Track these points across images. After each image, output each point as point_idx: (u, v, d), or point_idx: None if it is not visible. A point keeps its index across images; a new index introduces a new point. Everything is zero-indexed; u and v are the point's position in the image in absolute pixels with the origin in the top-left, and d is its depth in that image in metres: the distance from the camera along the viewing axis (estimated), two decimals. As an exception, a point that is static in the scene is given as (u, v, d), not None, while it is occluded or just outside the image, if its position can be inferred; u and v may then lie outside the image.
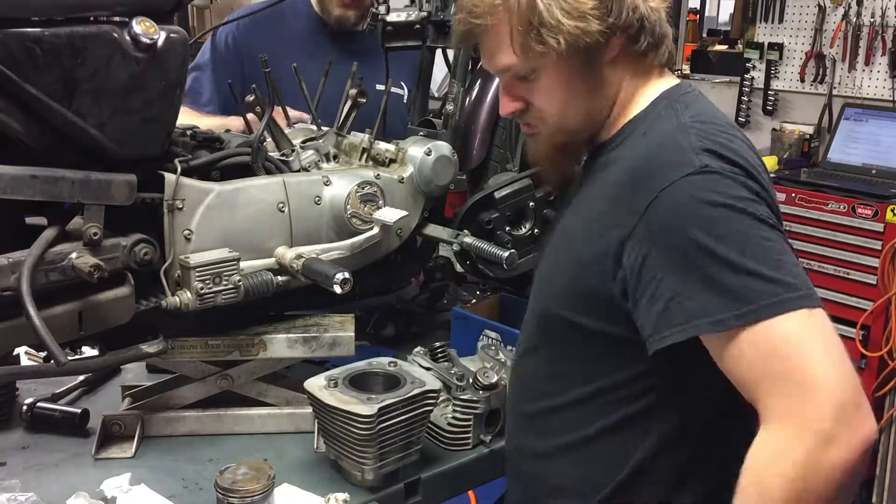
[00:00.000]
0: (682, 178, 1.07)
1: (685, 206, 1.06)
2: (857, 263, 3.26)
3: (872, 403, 3.24)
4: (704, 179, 1.07)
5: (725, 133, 1.15)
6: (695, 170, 1.07)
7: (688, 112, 1.18)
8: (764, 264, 1.03)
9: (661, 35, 1.22)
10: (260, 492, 1.32)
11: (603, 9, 1.15)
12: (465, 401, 1.58)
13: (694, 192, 1.06)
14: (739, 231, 1.04)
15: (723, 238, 1.04)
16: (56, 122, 1.33)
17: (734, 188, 1.07)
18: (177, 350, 1.55)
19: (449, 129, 1.92)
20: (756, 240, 1.04)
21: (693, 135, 1.12)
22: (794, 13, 4.04)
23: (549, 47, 1.15)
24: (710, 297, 1.04)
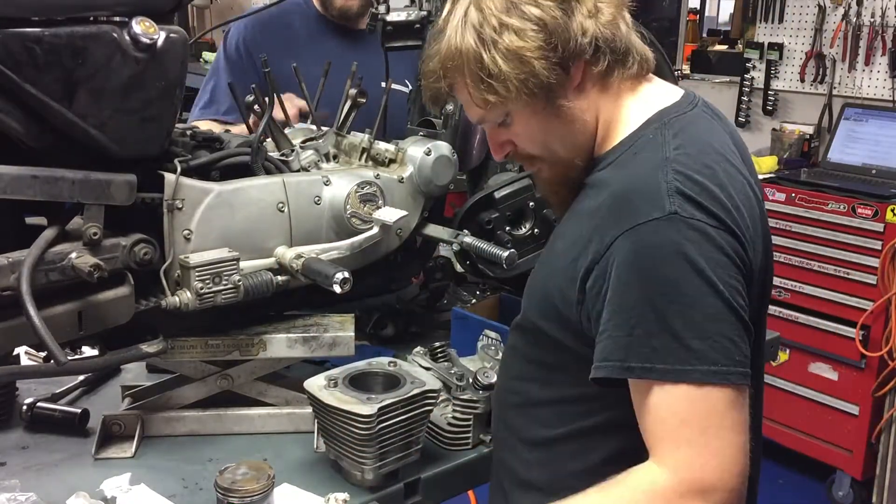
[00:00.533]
0: (648, 223, 1.06)
1: (640, 251, 1.06)
2: (857, 263, 3.26)
3: (872, 404, 3.27)
4: (668, 227, 1.05)
5: (710, 168, 1.11)
6: (663, 215, 1.05)
7: (676, 141, 1.14)
8: (690, 331, 1.03)
9: (625, 48, 1.18)
10: (260, 492, 1.32)
11: (546, 47, 1.13)
12: (465, 401, 1.58)
13: (653, 239, 1.06)
14: (682, 290, 1.04)
15: (663, 294, 1.04)
16: (56, 122, 1.33)
17: (696, 241, 1.05)
18: (177, 350, 1.55)
19: (449, 129, 1.92)
20: (695, 305, 1.04)
21: (672, 172, 1.09)
22: (794, 13, 4.04)
23: (502, 96, 1.15)
24: (629, 344, 1.06)
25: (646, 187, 1.09)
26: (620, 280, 1.07)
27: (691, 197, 1.07)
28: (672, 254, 1.04)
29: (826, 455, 3.47)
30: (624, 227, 1.07)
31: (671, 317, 1.04)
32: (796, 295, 3.42)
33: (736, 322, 1.05)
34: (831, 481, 3.48)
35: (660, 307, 1.04)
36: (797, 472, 3.61)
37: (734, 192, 1.11)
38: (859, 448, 3.36)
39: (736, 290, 1.06)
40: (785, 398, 3.51)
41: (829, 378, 3.43)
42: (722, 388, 1.04)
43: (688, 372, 1.03)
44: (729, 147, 1.20)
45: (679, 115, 1.20)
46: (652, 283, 1.05)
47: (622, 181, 1.14)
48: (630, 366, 1.06)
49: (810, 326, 3.41)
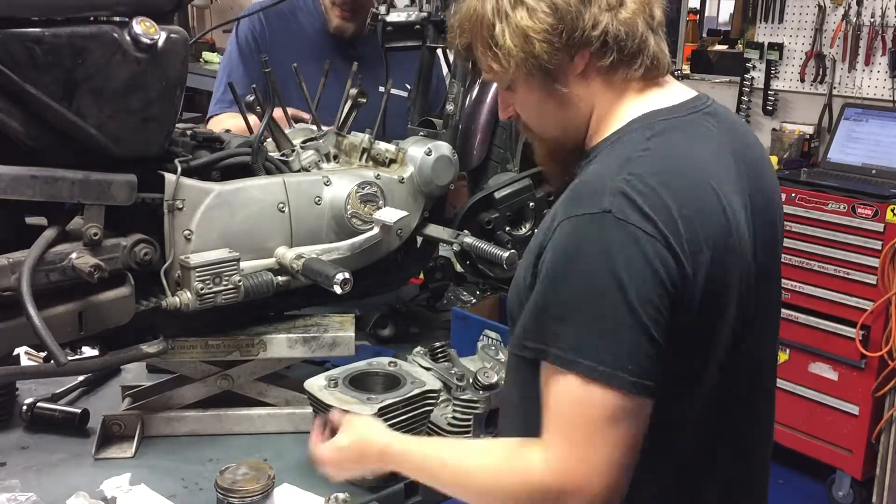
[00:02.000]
0: (583, 215, 1.06)
1: (567, 241, 1.07)
2: (857, 263, 3.26)
3: (872, 404, 3.26)
4: (597, 222, 1.05)
5: (667, 176, 1.08)
6: (598, 211, 1.05)
7: (648, 143, 1.13)
8: (589, 326, 1.04)
9: (636, 49, 1.17)
10: (260, 492, 1.32)
11: (553, 31, 1.13)
12: (465, 401, 1.58)
13: (581, 231, 1.06)
14: (593, 287, 1.04)
15: (575, 286, 1.05)
16: (56, 122, 1.33)
17: (621, 243, 1.03)
18: (177, 350, 1.55)
19: (449, 129, 1.92)
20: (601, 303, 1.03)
21: (627, 171, 1.08)
22: (794, 13, 4.04)
23: (503, 67, 1.18)
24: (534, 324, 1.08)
25: (595, 182, 1.10)
26: (547, 263, 1.09)
27: (632, 199, 1.05)
28: (594, 250, 1.04)
29: (826, 455, 3.47)
30: (565, 216, 1.08)
31: (577, 308, 1.04)
32: (796, 295, 3.42)
33: (639, 333, 1.03)
34: (831, 481, 3.48)
35: (568, 297, 1.05)
36: (797, 472, 3.60)
37: (688, 203, 1.08)
38: (859, 448, 3.35)
39: (649, 302, 1.03)
40: (785, 398, 3.51)
41: (829, 378, 3.42)
42: (608, 391, 1.02)
43: (575, 363, 1.03)
44: (718, 158, 1.17)
45: (669, 118, 1.17)
46: (570, 272, 1.06)
47: (584, 176, 1.15)
48: (528, 345, 1.08)
49: (810, 326, 3.40)
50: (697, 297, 1.08)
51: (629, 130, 1.17)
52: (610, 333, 1.03)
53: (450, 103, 1.93)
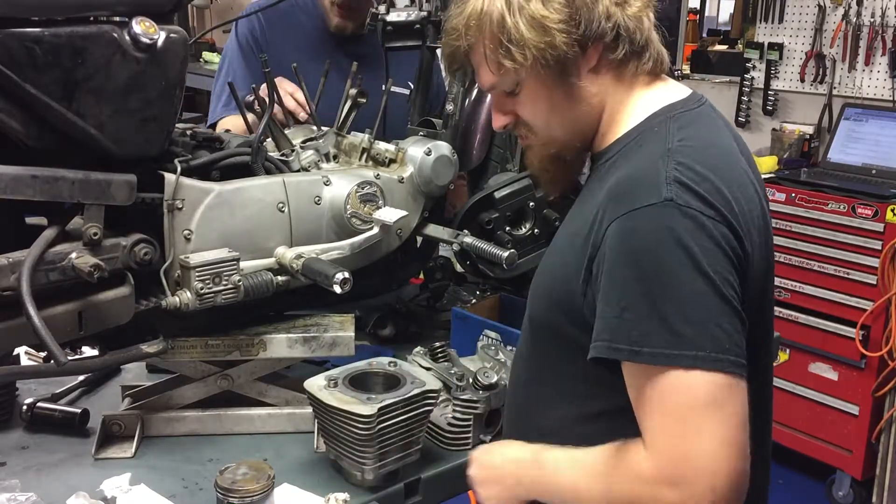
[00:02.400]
0: (643, 208, 1.06)
1: (633, 235, 1.07)
2: (857, 263, 3.26)
3: (872, 404, 3.27)
4: (662, 212, 1.05)
5: (713, 160, 1.12)
6: (658, 201, 1.06)
7: (680, 134, 1.15)
8: (679, 316, 1.03)
9: (644, 42, 1.19)
10: (260, 492, 1.32)
11: (570, 21, 1.14)
12: (465, 401, 1.58)
13: (646, 224, 1.06)
14: (673, 275, 1.04)
15: (654, 278, 1.04)
16: (56, 122, 1.33)
17: (689, 229, 1.05)
18: (177, 350, 1.55)
19: (449, 129, 1.92)
20: (685, 290, 1.03)
21: (673, 162, 1.10)
22: (794, 13, 4.04)
23: (518, 63, 1.17)
24: (619, 326, 1.07)
25: (645, 176, 1.10)
26: (612, 263, 1.08)
27: (689, 186, 1.07)
28: (665, 239, 1.04)
29: (826, 455, 3.47)
30: (620, 213, 1.08)
31: (661, 301, 1.04)
32: (796, 295, 3.42)
33: (728, 310, 1.04)
34: (831, 481, 3.48)
35: (650, 290, 1.04)
36: (797, 472, 3.61)
37: (735, 186, 1.11)
38: (859, 448, 3.36)
39: (727, 281, 1.05)
40: (785, 398, 3.51)
41: (829, 378, 3.43)
42: (710, 375, 1.02)
43: (675, 357, 1.02)
44: (733, 145, 1.21)
45: (686, 111, 1.21)
46: (643, 266, 1.05)
47: (625, 171, 1.14)
48: (618, 347, 1.06)
49: (810, 326, 3.41)
50: (753, 276, 1.11)
51: (653, 125, 1.18)
52: (701, 318, 1.03)
53: (450, 103, 1.93)
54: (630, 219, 1.07)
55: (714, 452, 1.02)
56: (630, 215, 1.07)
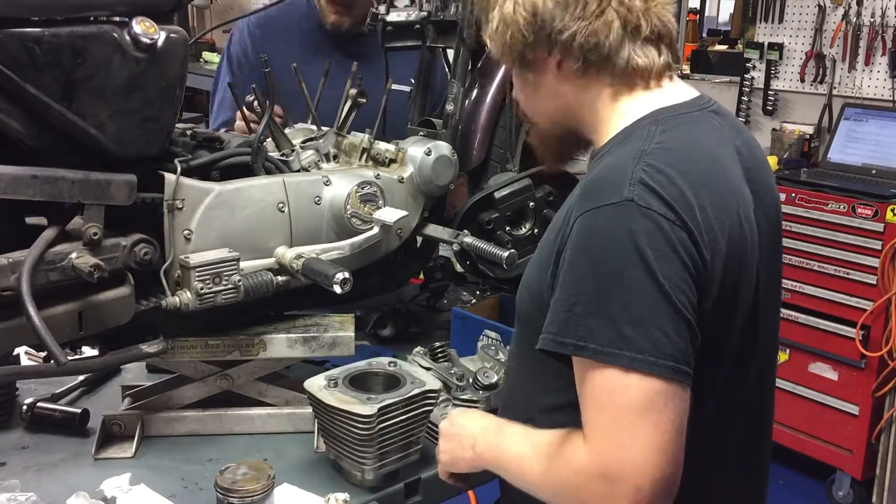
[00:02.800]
0: (604, 206, 1.08)
1: (591, 232, 1.08)
2: (857, 263, 3.26)
3: (872, 404, 3.26)
4: (620, 211, 1.06)
5: (684, 166, 1.11)
6: (619, 200, 1.07)
7: (661, 137, 1.15)
8: (625, 316, 1.04)
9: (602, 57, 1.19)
10: (260, 492, 1.32)
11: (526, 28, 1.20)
12: (465, 401, 1.58)
13: (605, 222, 1.07)
14: (624, 276, 1.05)
15: (606, 276, 1.06)
16: (56, 122, 1.33)
17: (647, 231, 1.05)
18: (177, 350, 1.55)
19: (449, 129, 1.92)
20: (634, 292, 1.04)
21: (643, 163, 1.10)
22: (794, 13, 4.04)
23: (496, 53, 1.27)
24: (567, 320, 1.08)
25: (612, 175, 1.11)
26: (570, 257, 1.10)
27: (652, 187, 1.07)
28: (621, 239, 1.05)
29: (826, 455, 3.47)
30: (584, 209, 1.10)
31: (609, 299, 1.05)
32: (796, 295, 3.42)
33: (675, 317, 1.04)
34: (831, 481, 3.48)
35: (600, 288, 1.06)
36: (797, 472, 3.61)
37: (706, 193, 1.11)
38: (859, 448, 3.35)
39: (679, 287, 1.05)
40: (785, 398, 3.51)
41: (829, 378, 3.43)
42: (647, 380, 1.03)
43: (615, 356, 1.03)
44: (727, 153, 1.20)
45: (677, 115, 1.20)
46: (596, 264, 1.07)
47: (600, 169, 1.16)
48: (563, 341, 1.08)
49: (810, 326, 3.41)
50: (716, 283, 1.10)
51: (638, 127, 1.19)
52: (647, 322, 1.04)
53: (450, 103, 1.93)
54: (592, 216, 1.09)
55: (644, 458, 1.03)
56: (592, 212, 1.09)
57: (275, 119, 1.74)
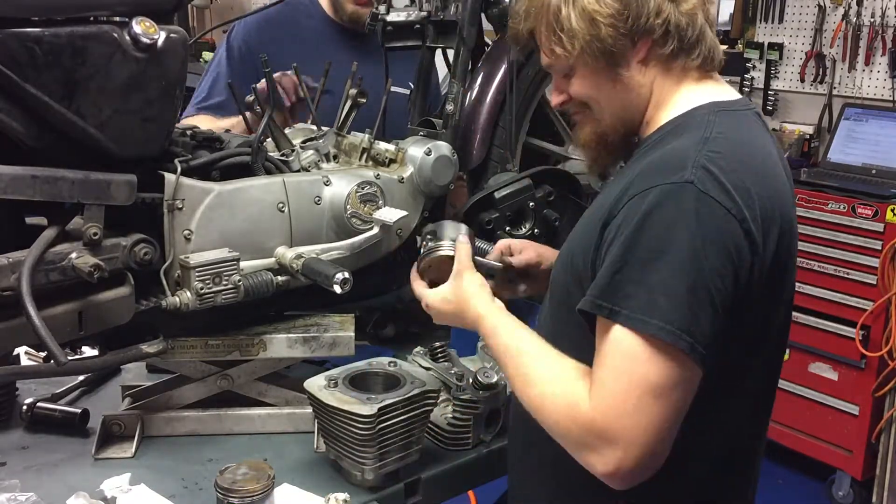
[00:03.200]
0: (664, 185, 1.10)
1: (648, 207, 1.10)
2: (857, 263, 3.26)
3: (872, 404, 3.26)
4: (679, 192, 1.09)
5: (745, 158, 1.15)
6: (680, 181, 1.09)
7: (721, 127, 1.18)
8: (663, 290, 1.07)
9: (695, 39, 1.22)
10: (260, 492, 1.32)
11: (619, 16, 1.19)
12: (465, 401, 1.58)
13: (662, 199, 1.09)
14: (670, 254, 1.07)
15: (653, 250, 1.08)
16: (56, 122, 1.33)
17: (701, 214, 1.07)
18: (177, 350, 1.55)
19: (449, 129, 1.92)
20: (677, 270, 1.06)
21: (707, 149, 1.13)
22: (794, 13, 4.04)
23: (567, 51, 1.22)
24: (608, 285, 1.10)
25: (675, 158, 1.13)
26: (623, 230, 1.11)
27: (713, 173, 1.10)
28: (675, 217, 1.08)
29: (826, 455, 3.47)
30: (643, 187, 1.12)
31: (650, 271, 1.07)
32: (796, 295, 3.40)
33: (707, 302, 1.07)
34: (831, 481, 3.48)
35: (644, 259, 1.08)
36: (797, 472, 3.61)
37: (763, 186, 1.13)
38: (859, 448, 3.36)
39: (719, 275, 1.07)
40: (785, 398, 3.51)
41: (829, 378, 3.43)
42: (666, 353, 1.05)
43: (645, 323, 1.06)
44: (773, 151, 1.23)
45: (733, 110, 1.23)
46: (646, 238, 1.09)
47: (661, 153, 1.18)
48: (601, 304, 1.10)
49: (810, 326, 3.41)
50: (765, 274, 1.13)
51: (696, 115, 1.21)
52: (680, 298, 1.06)
53: (450, 103, 1.92)
54: (650, 192, 1.10)
55: (644, 431, 1.06)
56: (650, 190, 1.10)
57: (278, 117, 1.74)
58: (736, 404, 1.21)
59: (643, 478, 1.09)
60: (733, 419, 1.22)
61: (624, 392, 1.07)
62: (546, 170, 1.99)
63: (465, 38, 1.91)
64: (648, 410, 1.06)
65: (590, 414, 1.08)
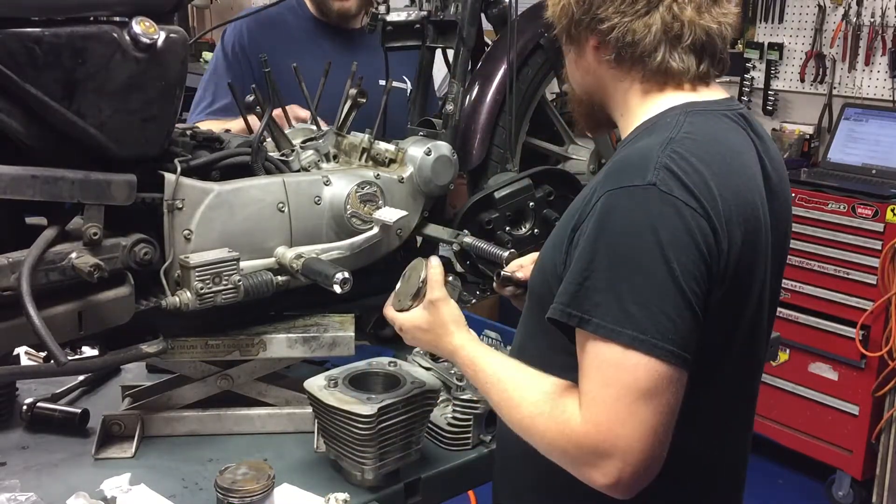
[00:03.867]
0: (627, 187, 1.10)
1: (611, 212, 1.10)
2: (857, 263, 3.26)
3: (872, 404, 3.26)
4: (642, 194, 1.08)
5: (710, 158, 1.13)
6: (642, 183, 1.09)
7: (689, 127, 1.17)
8: (631, 296, 1.06)
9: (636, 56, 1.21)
10: (260, 492, 1.32)
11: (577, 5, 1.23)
12: (465, 401, 1.58)
13: (626, 203, 1.09)
14: (637, 258, 1.07)
15: (619, 255, 1.08)
16: (56, 122, 1.33)
17: (666, 215, 1.07)
18: (177, 350, 1.55)
19: (449, 129, 1.92)
20: (644, 274, 1.06)
21: (669, 149, 1.12)
22: (794, 13, 4.04)
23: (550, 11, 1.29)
24: (577, 293, 1.10)
25: (638, 159, 1.13)
26: (588, 235, 1.11)
27: (676, 174, 1.09)
28: (639, 221, 1.08)
29: (826, 455, 3.47)
30: (606, 189, 1.12)
31: (620, 278, 1.07)
32: (796, 295, 3.42)
33: (681, 303, 1.06)
34: (831, 481, 3.48)
35: (613, 266, 1.08)
36: (797, 472, 3.61)
37: (728, 185, 1.13)
38: (859, 448, 3.36)
39: (691, 275, 1.07)
40: (785, 398, 3.51)
41: (829, 378, 3.43)
42: (647, 359, 1.05)
43: (618, 333, 1.05)
44: (746, 151, 1.22)
45: (707, 110, 1.22)
46: (613, 242, 1.08)
47: (626, 153, 1.18)
48: (571, 312, 1.10)
49: (810, 326, 3.41)
50: (730, 273, 1.12)
51: (667, 116, 1.21)
52: (652, 304, 1.06)
53: (449, 103, 1.93)
54: (614, 195, 1.10)
55: (639, 437, 1.05)
56: (615, 192, 1.10)
57: (278, 118, 1.74)
58: (706, 404, 1.20)
59: (645, 484, 1.08)
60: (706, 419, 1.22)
61: (614, 401, 1.06)
62: (546, 170, 2.00)
63: (464, 38, 1.91)
64: (641, 416, 1.05)
65: (583, 429, 1.08)
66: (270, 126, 1.70)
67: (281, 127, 1.80)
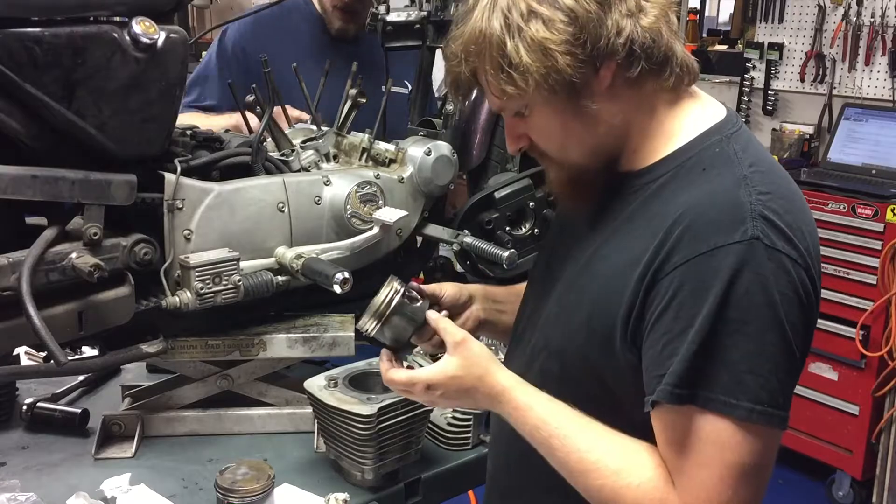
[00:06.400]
0: (727, 246, 0.99)
1: (715, 276, 0.99)
2: (857, 263, 3.26)
3: (872, 404, 3.26)
4: (747, 253, 0.99)
5: (784, 192, 1.06)
6: (745, 237, 0.99)
7: (747, 158, 1.07)
8: (745, 365, 0.99)
9: (663, 56, 1.08)
10: (260, 492, 1.32)
11: (575, 42, 1.04)
12: (465, 401, 1.58)
13: (730, 263, 0.99)
14: (749, 323, 0.99)
15: (729, 321, 0.99)
16: (56, 122, 1.33)
17: (774, 274, 0.99)
18: (177, 350, 1.55)
19: (449, 129, 1.92)
20: (758, 340, 0.99)
21: (754, 192, 1.02)
22: (794, 13, 4.04)
23: (521, 89, 1.06)
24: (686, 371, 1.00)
25: (727, 207, 1.02)
26: (685, 301, 1.01)
27: (773, 222, 1.01)
28: (749, 283, 0.98)
29: (826, 455, 3.47)
30: (699, 251, 1.01)
31: (730, 346, 0.99)
32: (796, 295, 3.42)
33: (790, 363, 1.01)
34: (831, 481, 3.48)
35: (721, 333, 0.99)
36: (797, 472, 3.61)
37: (805, 218, 1.06)
38: (859, 448, 3.36)
39: (798, 331, 1.01)
40: (785, 398, 3.51)
41: (829, 378, 3.42)
42: (758, 432, 0.99)
43: (732, 406, 0.98)
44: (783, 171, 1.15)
45: (736, 132, 1.12)
46: (726, 309, 0.99)
47: (699, 198, 1.05)
48: (680, 393, 1.00)
49: (810, 326, 3.41)
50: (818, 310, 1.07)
51: (708, 145, 1.10)
52: (767, 372, 0.99)
53: (450, 103, 1.93)
54: (711, 257, 1.00)
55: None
56: (712, 254, 1.00)
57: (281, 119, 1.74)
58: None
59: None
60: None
61: (718, 482, 1.00)
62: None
63: (465, 38, 1.91)
64: (744, 495, 1.00)
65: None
66: (270, 126, 1.70)
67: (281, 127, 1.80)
